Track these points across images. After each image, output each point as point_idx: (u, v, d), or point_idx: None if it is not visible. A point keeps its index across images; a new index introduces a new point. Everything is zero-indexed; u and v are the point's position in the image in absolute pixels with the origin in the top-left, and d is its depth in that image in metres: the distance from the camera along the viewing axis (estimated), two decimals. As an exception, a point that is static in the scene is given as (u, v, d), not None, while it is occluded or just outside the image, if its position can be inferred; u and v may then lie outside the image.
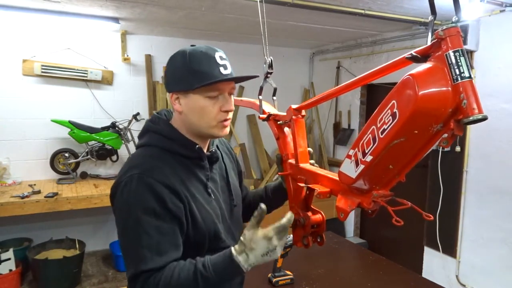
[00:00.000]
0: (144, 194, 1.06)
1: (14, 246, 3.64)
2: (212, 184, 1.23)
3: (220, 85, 1.13)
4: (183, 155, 1.17)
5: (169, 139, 1.17)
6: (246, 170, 4.99)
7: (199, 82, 1.09)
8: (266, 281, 1.94)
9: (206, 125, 1.15)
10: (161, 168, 1.11)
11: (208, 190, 1.20)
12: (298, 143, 1.25)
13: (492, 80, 3.15)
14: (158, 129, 1.19)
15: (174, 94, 1.15)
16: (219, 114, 1.14)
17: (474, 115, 0.70)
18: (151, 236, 1.05)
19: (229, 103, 1.16)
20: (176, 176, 1.12)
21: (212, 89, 1.12)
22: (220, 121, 1.15)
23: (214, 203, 1.21)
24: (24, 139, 4.00)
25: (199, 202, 1.15)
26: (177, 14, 3.45)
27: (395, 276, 2.08)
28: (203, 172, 1.21)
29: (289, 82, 5.30)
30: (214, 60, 1.13)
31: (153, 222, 1.05)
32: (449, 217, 3.54)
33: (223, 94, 1.15)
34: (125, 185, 1.09)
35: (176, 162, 1.15)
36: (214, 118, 1.14)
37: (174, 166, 1.14)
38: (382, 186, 0.90)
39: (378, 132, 0.82)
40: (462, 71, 0.72)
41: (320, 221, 1.21)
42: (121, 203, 1.10)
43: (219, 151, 1.33)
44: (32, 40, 3.93)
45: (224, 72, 1.13)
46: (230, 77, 1.13)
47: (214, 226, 1.17)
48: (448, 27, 0.75)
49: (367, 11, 3.15)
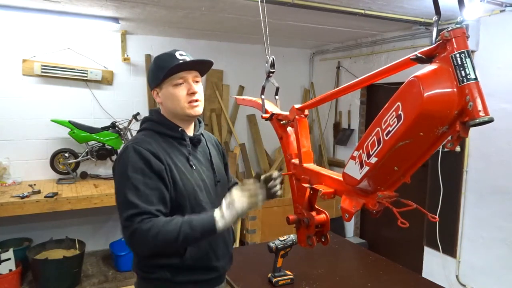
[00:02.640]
0: (134, 157, 1.32)
1: (14, 246, 3.63)
2: (194, 160, 1.47)
3: (181, 74, 1.41)
4: (169, 135, 1.45)
5: (159, 123, 1.47)
6: (246, 170, 4.98)
7: (163, 74, 1.39)
8: (266, 281, 1.94)
9: (179, 107, 1.43)
10: (149, 142, 1.39)
11: (190, 162, 1.44)
12: (301, 143, 1.25)
13: (492, 80, 3.15)
14: (152, 117, 1.50)
15: (154, 90, 1.47)
16: (186, 96, 1.42)
17: (480, 118, 0.70)
18: (140, 189, 1.28)
19: (192, 87, 1.42)
20: (161, 149, 1.39)
21: (175, 78, 1.41)
22: (189, 102, 1.42)
23: (196, 174, 1.44)
24: (24, 139, 3.99)
25: (180, 169, 1.39)
26: (177, 14, 3.45)
27: (395, 276, 2.08)
28: (186, 148, 1.47)
29: (289, 82, 5.30)
30: (174, 56, 1.42)
31: (141, 179, 1.30)
32: (449, 217, 3.54)
33: (187, 81, 1.42)
34: (121, 154, 1.37)
35: (164, 141, 1.43)
36: (183, 100, 1.42)
37: (161, 143, 1.42)
38: (387, 187, 0.90)
39: (383, 134, 0.82)
40: (468, 72, 0.72)
41: (324, 221, 1.21)
42: (117, 168, 1.37)
43: (204, 138, 1.59)
44: (32, 40, 3.92)
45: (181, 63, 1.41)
46: (181, 62, 1.39)
47: (195, 193, 1.41)
48: (454, 28, 0.75)
49: (367, 11, 3.15)
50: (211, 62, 1.47)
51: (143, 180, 1.30)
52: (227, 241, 1.57)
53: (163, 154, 1.37)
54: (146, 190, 1.29)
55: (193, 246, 1.39)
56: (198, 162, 1.49)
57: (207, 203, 1.44)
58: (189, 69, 1.43)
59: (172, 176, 1.36)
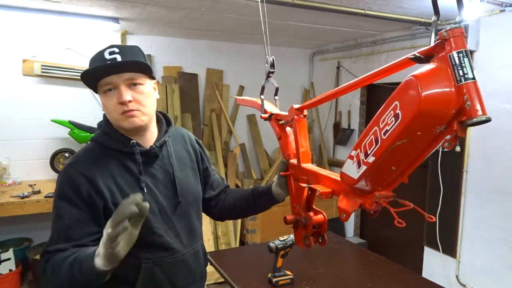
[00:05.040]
0: (64, 181, 1.16)
1: (14, 246, 3.64)
2: (148, 179, 1.24)
3: (109, 79, 1.15)
4: (117, 150, 1.22)
5: (106, 134, 1.24)
6: (246, 170, 4.99)
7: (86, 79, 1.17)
8: (266, 281, 1.94)
9: (112, 118, 1.21)
10: (88, 161, 1.19)
11: (141, 184, 1.22)
12: (300, 143, 1.25)
13: (492, 80, 3.15)
14: (101, 125, 1.28)
15: None
16: (117, 106, 1.17)
17: (478, 117, 0.70)
18: (63, 220, 1.12)
19: (122, 95, 1.15)
20: (103, 170, 1.18)
21: (102, 85, 1.17)
22: (121, 113, 1.17)
23: (148, 197, 1.21)
24: (24, 139, 4.00)
25: (125, 193, 1.16)
26: (177, 14, 3.45)
27: (395, 276, 2.08)
28: (136, 166, 1.23)
29: (289, 82, 5.30)
30: (102, 56, 1.16)
31: (67, 208, 1.13)
32: (449, 217, 3.54)
33: (117, 87, 1.16)
34: (59, 174, 1.21)
35: (110, 156, 1.21)
36: (114, 111, 1.18)
37: (106, 160, 1.20)
38: (385, 187, 0.90)
39: (380, 133, 0.82)
40: (465, 72, 0.72)
41: (321, 221, 1.21)
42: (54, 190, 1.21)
43: (171, 148, 1.34)
44: (32, 40, 3.93)
45: None
46: (108, 63, 1.14)
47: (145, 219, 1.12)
48: (452, 27, 0.74)
49: (367, 11, 3.15)
50: (142, 63, 1.18)
51: (68, 210, 1.13)
52: (192, 269, 1.34)
53: (102, 176, 1.17)
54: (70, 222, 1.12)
55: (146, 277, 1.21)
56: (153, 180, 1.26)
57: (164, 230, 1.24)
58: (120, 72, 1.15)
59: (114, 202, 1.15)
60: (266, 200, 1.46)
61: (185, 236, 1.32)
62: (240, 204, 1.51)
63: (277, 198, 1.43)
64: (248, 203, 1.50)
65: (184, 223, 1.33)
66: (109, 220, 0.97)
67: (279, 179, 1.38)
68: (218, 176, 1.59)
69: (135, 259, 1.19)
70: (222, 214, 1.58)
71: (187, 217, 1.34)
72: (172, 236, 1.27)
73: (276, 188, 1.40)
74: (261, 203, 1.50)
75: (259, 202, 1.49)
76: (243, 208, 1.52)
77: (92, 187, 1.15)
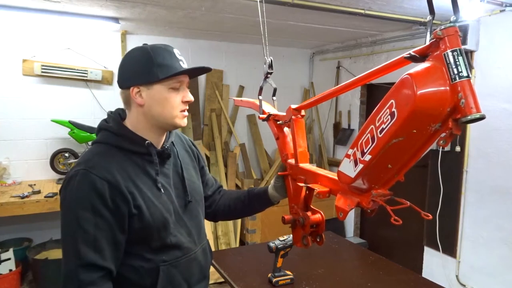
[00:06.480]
0: (85, 190, 1.08)
1: (14, 246, 3.64)
2: (163, 179, 1.24)
3: (181, 78, 1.20)
4: (132, 151, 1.20)
5: (118, 135, 1.20)
6: (246, 170, 4.99)
7: (164, 74, 1.16)
8: (266, 281, 1.94)
9: (169, 115, 1.20)
10: (106, 164, 1.13)
11: (157, 185, 1.21)
12: (297, 143, 1.25)
13: (492, 80, 3.15)
14: (109, 127, 1.23)
15: (135, 88, 1.18)
16: (180, 104, 1.21)
17: (472, 114, 0.70)
18: (88, 232, 1.07)
19: (189, 95, 1.24)
20: (122, 172, 1.14)
21: (174, 81, 1.19)
22: (181, 111, 1.22)
23: (165, 197, 1.22)
24: (24, 139, 4.00)
25: (146, 196, 1.16)
26: (177, 14, 3.45)
27: (395, 276, 2.08)
28: (153, 167, 1.22)
29: (289, 82, 5.31)
30: (174, 55, 1.21)
31: (91, 219, 1.07)
32: (449, 217, 3.54)
33: (183, 86, 1.22)
34: (69, 180, 1.12)
35: (125, 158, 1.18)
36: (177, 108, 1.20)
37: (122, 162, 1.17)
38: (381, 186, 0.90)
39: (376, 132, 0.82)
40: (460, 70, 0.72)
41: (319, 221, 1.21)
42: (63, 198, 1.13)
43: (176, 148, 1.36)
44: (32, 40, 3.93)
45: (183, 66, 1.21)
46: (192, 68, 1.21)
47: (164, 220, 1.19)
48: (447, 26, 0.75)
49: (367, 11, 3.15)
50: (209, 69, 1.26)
51: (93, 221, 1.08)
52: (203, 266, 1.37)
53: (124, 179, 1.13)
54: (96, 233, 1.08)
55: (165, 280, 1.21)
56: (167, 180, 1.26)
57: (177, 229, 1.25)
58: (193, 76, 1.26)
59: (137, 208, 1.14)
60: (261, 203, 1.49)
61: (196, 235, 1.34)
62: (235, 206, 1.53)
63: (273, 200, 1.46)
64: (244, 205, 1.52)
65: (194, 221, 1.34)
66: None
67: (276, 182, 1.40)
68: (211, 176, 1.61)
69: (151, 264, 1.19)
70: (216, 215, 1.59)
71: (196, 216, 1.36)
72: (185, 235, 1.28)
73: (272, 191, 1.43)
74: (256, 205, 1.52)
75: (254, 204, 1.51)
76: (238, 209, 1.54)
77: (116, 192, 1.10)
